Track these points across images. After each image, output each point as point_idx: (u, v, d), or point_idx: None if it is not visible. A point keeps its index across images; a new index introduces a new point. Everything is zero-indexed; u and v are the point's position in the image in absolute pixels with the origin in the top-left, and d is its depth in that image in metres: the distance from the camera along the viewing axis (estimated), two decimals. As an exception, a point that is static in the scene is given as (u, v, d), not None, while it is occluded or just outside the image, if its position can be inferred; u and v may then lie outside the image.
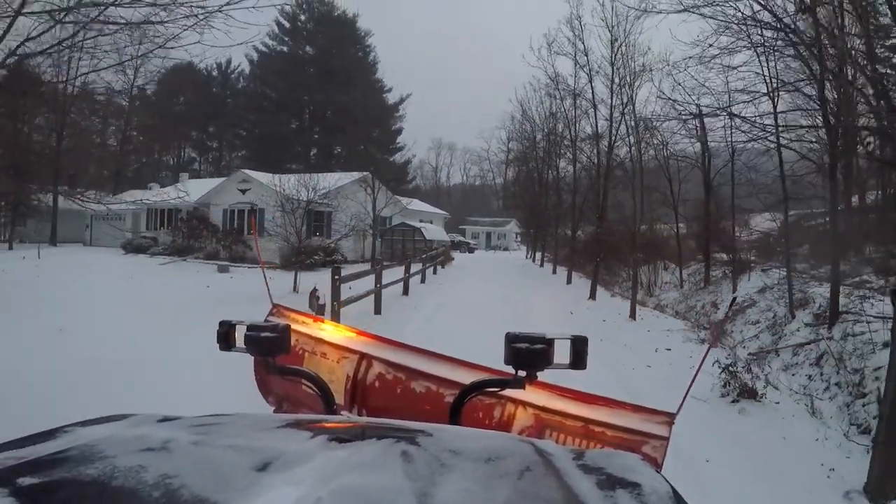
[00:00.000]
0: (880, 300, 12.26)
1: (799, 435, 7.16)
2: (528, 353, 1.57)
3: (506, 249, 59.42)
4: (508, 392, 1.92)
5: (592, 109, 20.07)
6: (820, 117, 12.45)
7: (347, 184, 29.28)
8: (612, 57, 17.98)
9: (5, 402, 5.99)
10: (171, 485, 0.82)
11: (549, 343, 1.58)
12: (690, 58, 10.97)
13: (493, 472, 0.98)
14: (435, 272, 25.33)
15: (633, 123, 17.66)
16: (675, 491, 0.99)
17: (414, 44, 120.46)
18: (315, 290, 13.53)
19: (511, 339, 1.59)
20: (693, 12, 9.29)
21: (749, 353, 12.56)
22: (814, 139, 13.36)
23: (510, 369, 1.65)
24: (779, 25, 8.02)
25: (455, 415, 1.75)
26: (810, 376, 10.81)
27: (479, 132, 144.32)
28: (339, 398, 2.24)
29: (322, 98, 64.06)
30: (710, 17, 9.45)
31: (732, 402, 8.12)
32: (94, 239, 38.79)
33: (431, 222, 42.56)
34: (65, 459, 0.92)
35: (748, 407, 8.00)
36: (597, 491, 0.94)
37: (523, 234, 53.58)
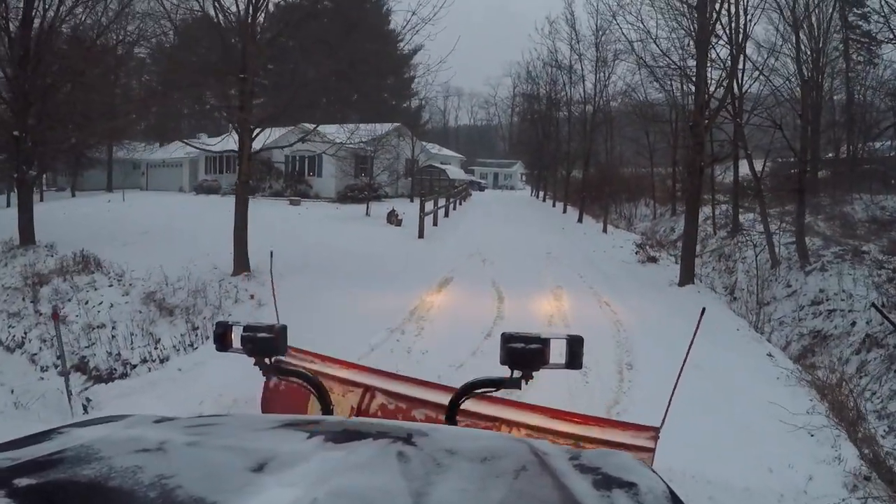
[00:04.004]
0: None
1: (668, 274, 14.34)
2: (524, 353, 1.56)
3: (512, 188, 65.89)
4: (502, 414, 2.06)
5: (581, 82, 27.03)
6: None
7: (385, 132, 35.93)
8: (596, 43, 24.83)
9: (313, 259, 13.21)
10: (166, 485, 0.83)
11: (545, 343, 1.57)
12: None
13: (489, 472, 0.99)
14: (460, 203, 32.54)
15: (607, 95, 24.59)
16: (671, 490, 0.98)
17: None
18: (393, 209, 20.71)
19: (507, 339, 1.58)
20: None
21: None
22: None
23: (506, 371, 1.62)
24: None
25: (451, 416, 1.75)
26: (707, 263, 17.99)
27: (485, 79, 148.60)
28: None
29: (340, 48, 69.23)
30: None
31: (641, 263, 15.42)
32: (150, 184, 42.89)
33: (450, 164, 49.53)
34: (61, 460, 0.93)
35: (649, 265, 15.32)
36: (593, 491, 0.94)
37: (528, 174, 60.18)
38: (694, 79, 12.27)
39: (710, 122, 12.24)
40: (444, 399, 2.14)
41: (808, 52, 17.60)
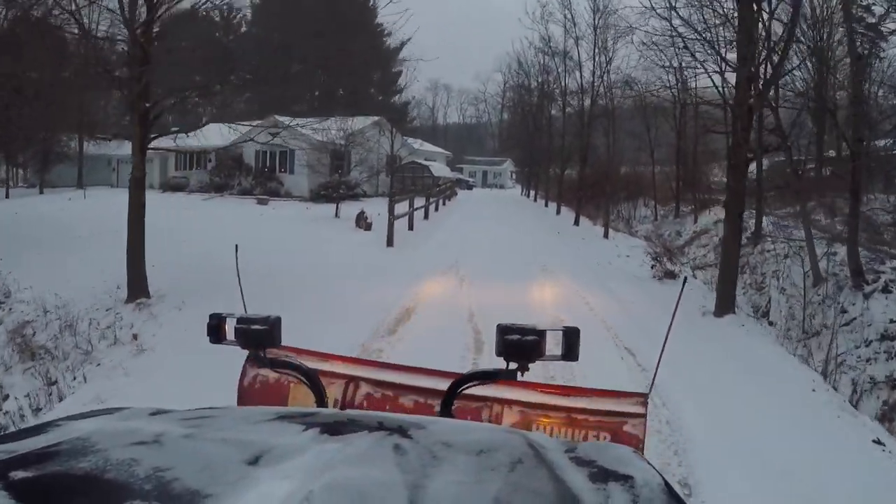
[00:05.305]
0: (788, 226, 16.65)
1: (694, 295, 11.53)
2: (520, 345, 1.55)
3: (501, 187, 63.22)
4: (494, 393, 2.03)
5: (577, 69, 24.08)
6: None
7: (364, 127, 33.04)
8: (594, 24, 21.90)
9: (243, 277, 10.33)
10: (162, 478, 0.83)
11: (541, 335, 1.56)
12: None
13: (485, 465, 0.99)
14: (444, 203, 29.66)
15: (608, 83, 21.67)
16: (667, 483, 0.98)
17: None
18: (363, 212, 17.78)
19: (503, 330, 1.57)
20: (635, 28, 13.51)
21: (696, 267, 16.96)
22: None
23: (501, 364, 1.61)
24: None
25: (446, 409, 1.75)
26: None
27: (475, 74, 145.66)
28: None
29: (325, 42, 66.49)
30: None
31: (658, 279, 12.57)
32: (122, 181, 38.94)
33: (435, 161, 46.58)
34: (56, 453, 0.92)
35: (667, 282, 12.46)
36: (589, 483, 0.94)
37: (518, 172, 57.53)
38: (729, 50, 9.42)
39: (759, 99, 9.28)
40: (432, 384, 2.20)
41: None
